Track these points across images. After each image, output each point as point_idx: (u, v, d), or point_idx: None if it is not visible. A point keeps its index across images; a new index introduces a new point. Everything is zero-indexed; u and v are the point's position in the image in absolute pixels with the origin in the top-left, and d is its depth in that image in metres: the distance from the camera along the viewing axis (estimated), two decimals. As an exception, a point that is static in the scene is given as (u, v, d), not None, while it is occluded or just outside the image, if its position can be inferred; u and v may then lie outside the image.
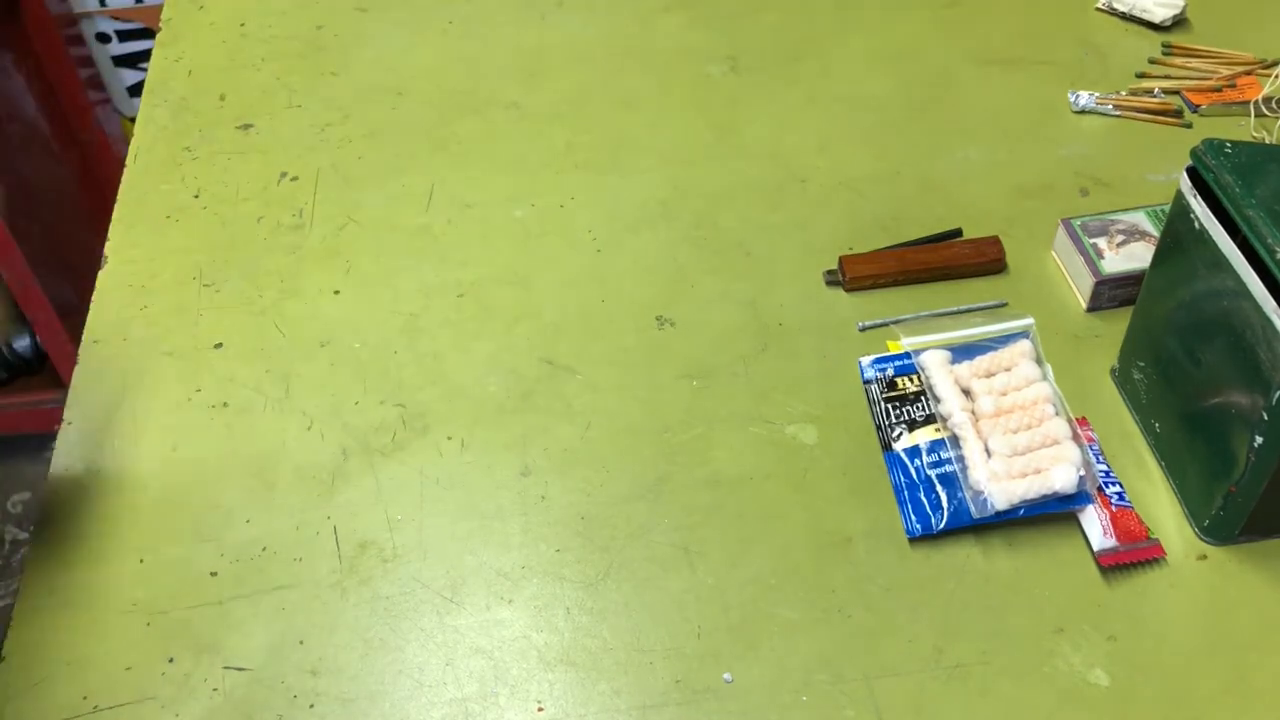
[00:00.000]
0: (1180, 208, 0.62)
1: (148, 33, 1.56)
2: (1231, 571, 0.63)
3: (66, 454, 0.69)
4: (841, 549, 0.64)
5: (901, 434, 0.68)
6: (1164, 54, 0.97)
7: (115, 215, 0.85)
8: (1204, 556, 0.64)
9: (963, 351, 0.71)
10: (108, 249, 0.82)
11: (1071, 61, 0.96)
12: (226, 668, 0.60)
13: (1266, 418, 0.57)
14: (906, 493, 0.66)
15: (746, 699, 0.59)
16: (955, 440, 0.67)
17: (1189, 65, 0.95)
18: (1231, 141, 0.60)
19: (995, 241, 0.79)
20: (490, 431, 0.71)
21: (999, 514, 0.63)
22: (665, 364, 0.74)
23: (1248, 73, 0.94)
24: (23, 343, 0.69)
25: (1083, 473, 0.64)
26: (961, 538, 0.65)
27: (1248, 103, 0.91)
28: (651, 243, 0.82)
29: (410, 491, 0.68)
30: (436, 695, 0.59)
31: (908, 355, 0.72)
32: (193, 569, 0.64)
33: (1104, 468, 0.67)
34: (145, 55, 1.58)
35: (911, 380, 0.70)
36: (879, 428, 0.69)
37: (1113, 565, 0.63)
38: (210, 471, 0.69)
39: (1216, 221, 0.59)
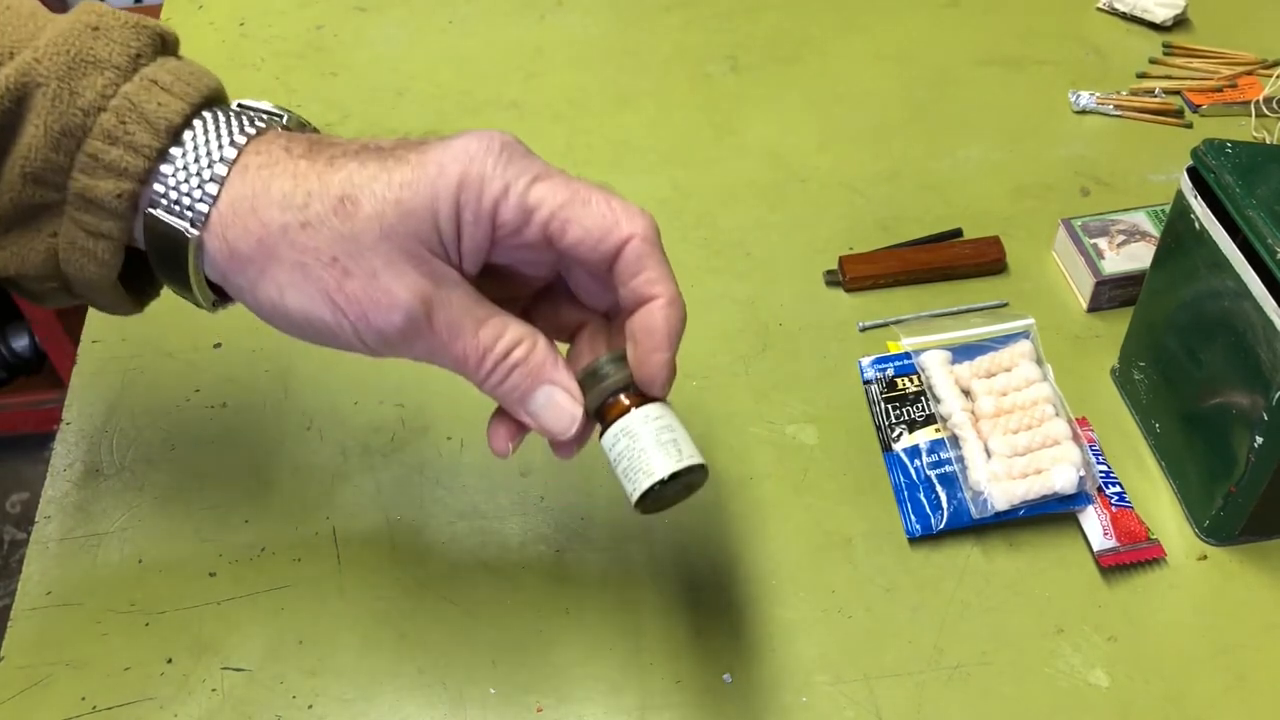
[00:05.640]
0: (1181, 208, 0.62)
1: (147, 33, 1.55)
2: (1232, 572, 0.63)
3: (65, 454, 0.69)
4: (841, 549, 0.64)
5: (901, 434, 0.68)
6: (1165, 54, 0.96)
7: (114, 215, 0.85)
8: (1204, 557, 0.64)
9: (963, 352, 0.71)
10: (107, 249, 0.82)
11: (1072, 61, 0.96)
12: (225, 668, 0.60)
13: (1267, 418, 0.57)
14: (906, 493, 0.66)
15: (746, 699, 0.59)
16: (955, 440, 0.67)
17: (1190, 65, 0.95)
18: (1232, 141, 0.60)
19: (995, 241, 0.79)
20: (490, 431, 0.70)
21: (999, 514, 0.63)
22: (665, 364, 0.74)
23: (1249, 73, 0.94)
24: (22, 343, 0.69)
25: (1083, 473, 0.64)
26: (961, 538, 0.65)
27: (1249, 103, 0.91)
28: (651, 243, 0.82)
29: (410, 491, 0.68)
30: (435, 696, 0.59)
31: (908, 355, 0.72)
32: (191, 569, 0.64)
33: (1104, 468, 0.67)
34: (145, 55, 1.57)
35: (911, 380, 0.70)
36: (879, 428, 0.69)
37: (1113, 566, 0.63)
38: (209, 472, 0.69)
39: (1217, 222, 0.59)
